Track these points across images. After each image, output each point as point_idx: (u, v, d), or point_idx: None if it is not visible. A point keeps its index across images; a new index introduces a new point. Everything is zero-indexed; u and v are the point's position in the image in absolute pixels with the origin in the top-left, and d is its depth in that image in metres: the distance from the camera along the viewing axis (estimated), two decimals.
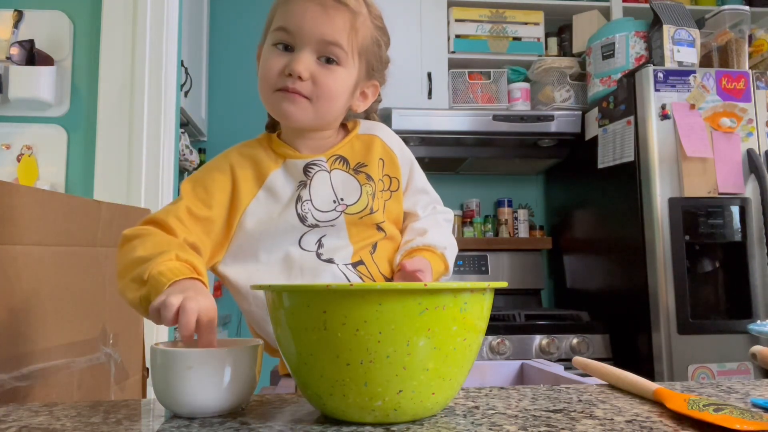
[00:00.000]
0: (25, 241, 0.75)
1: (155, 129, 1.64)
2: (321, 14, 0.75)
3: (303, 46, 0.76)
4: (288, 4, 0.78)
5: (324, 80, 0.77)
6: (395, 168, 0.87)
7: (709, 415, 0.46)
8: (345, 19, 0.77)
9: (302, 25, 0.75)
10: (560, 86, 2.55)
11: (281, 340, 0.51)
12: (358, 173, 0.84)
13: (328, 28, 0.76)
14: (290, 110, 0.77)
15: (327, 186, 0.82)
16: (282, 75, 0.76)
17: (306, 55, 0.76)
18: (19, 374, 0.73)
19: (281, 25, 0.77)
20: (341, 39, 0.77)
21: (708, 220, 1.96)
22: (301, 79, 0.75)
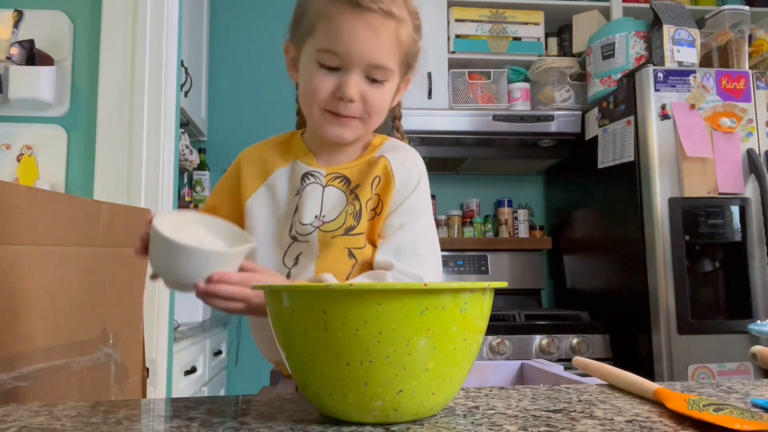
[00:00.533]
0: (25, 241, 0.75)
1: (155, 129, 1.64)
2: (371, 36, 0.74)
3: (351, 67, 0.75)
4: (333, 22, 0.74)
5: (374, 99, 0.77)
6: (388, 191, 0.81)
7: (709, 415, 0.46)
8: (392, 34, 0.75)
9: (352, 49, 0.74)
10: (560, 86, 2.55)
11: (281, 340, 0.51)
12: (351, 194, 0.82)
13: (377, 51, 0.75)
14: (342, 134, 0.79)
15: (316, 200, 0.81)
16: (332, 97, 0.76)
17: (356, 78, 0.75)
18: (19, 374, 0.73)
19: (329, 47, 0.75)
20: (389, 61, 0.76)
21: (708, 220, 1.96)
22: (352, 102, 0.75)
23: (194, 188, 2.59)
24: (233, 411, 0.54)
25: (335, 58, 0.75)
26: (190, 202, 2.55)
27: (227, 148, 2.78)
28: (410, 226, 0.80)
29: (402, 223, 0.80)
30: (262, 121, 2.82)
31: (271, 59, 2.87)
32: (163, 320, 1.60)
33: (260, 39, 2.87)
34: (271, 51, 2.87)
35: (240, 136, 2.79)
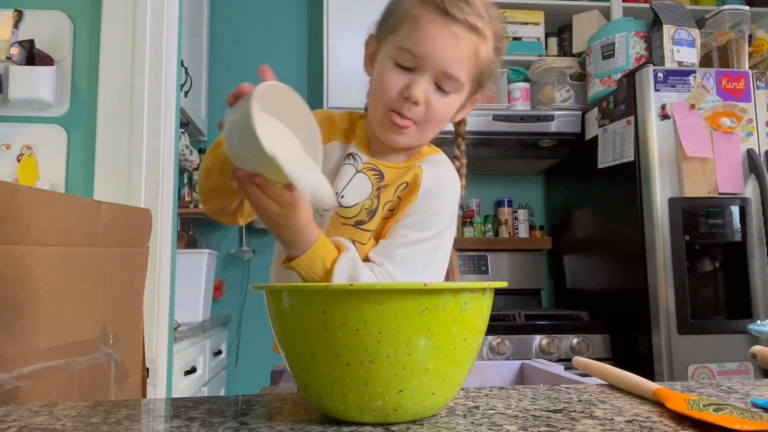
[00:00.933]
0: (25, 241, 0.75)
1: (155, 129, 1.64)
2: (451, 44, 0.75)
3: (424, 71, 0.76)
4: (419, 24, 0.76)
5: (437, 107, 0.78)
6: (409, 199, 0.82)
7: (709, 415, 0.46)
8: (471, 48, 0.76)
9: (431, 52, 0.75)
10: (560, 86, 2.55)
11: (281, 340, 0.51)
12: (377, 189, 0.83)
13: (453, 60, 0.76)
14: (397, 140, 0.80)
15: (344, 179, 0.83)
16: (399, 96, 0.77)
17: (425, 81, 0.76)
18: (19, 374, 0.73)
19: (408, 48, 0.76)
20: (462, 73, 0.77)
21: (708, 220, 1.96)
22: (417, 105, 0.76)
23: (194, 188, 2.59)
24: (233, 411, 0.54)
25: (411, 58, 0.76)
26: (190, 202, 2.55)
27: None
28: (415, 239, 0.80)
29: (407, 234, 0.80)
30: None
31: (271, 59, 2.87)
32: (163, 320, 1.60)
33: (260, 39, 2.87)
34: (271, 51, 2.88)
35: None
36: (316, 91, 2.80)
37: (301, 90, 2.74)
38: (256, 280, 2.69)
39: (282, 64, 2.87)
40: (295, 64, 2.88)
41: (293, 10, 2.92)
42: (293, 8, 2.92)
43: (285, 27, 2.91)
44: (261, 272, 2.72)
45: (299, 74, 2.88)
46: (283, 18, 2.91)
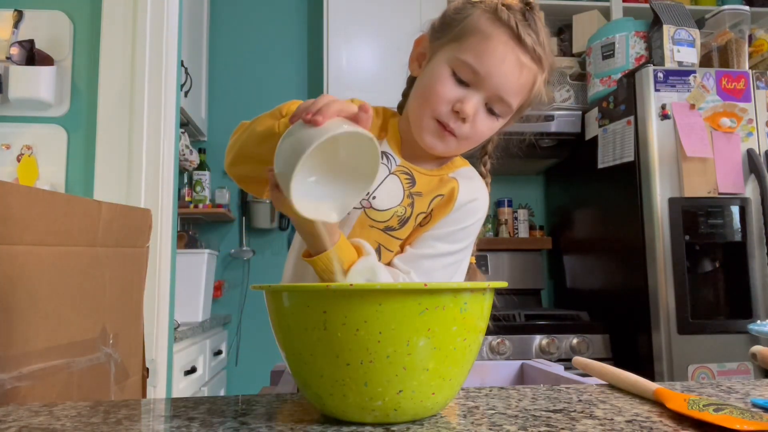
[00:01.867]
0: (25, 241, 0.75)
1: (155, 129, 1.64)
2: (515, 71, 0.75)
3: (480, 89, 0.76)
4: (488, 42, 0.74)
5: (482, 128, 0.77)
6: (443, 212, 0.82)
7: (709, 415, 0.46)
8: (531, 77, 0.77)
9: (494, 74, 0.74)
10: (560, 86, 2.55)
11: (281, 340, 0.51)
12: (410, 197, 0.82)
13: (513, 86, 0.75)
14: (436, 146, 0.79)
15: (377, 180, 0.81)
16: (449, 109, 0.76)
17: (479, 99, 0.76)
18: (19, 374, 0.73)
19: (471, 63, 0.74)
20: (516, 100, 0.77)
21: (708, 220, 1.96)
22: (465, 122, 0.76)
23: (194, 188, 2.59)
24: (233, 411, 0.54)
25: (471, 74, 0.75)
26: (190, 202, 2.55)
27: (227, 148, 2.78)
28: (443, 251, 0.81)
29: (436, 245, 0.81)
30: None
31: (271, 59, 2.87)
32: (163, 320, 1.60)
33: (260, 39, 2.87)
34: (271, 51, 2.88)
35: None
36: (316, 91, 2.80)
37: (301, 90, 2.73)
38: (256, 280, 2.69)
39: (282, 64, 2.88)
40: (295, 64, 2.88)
41: (293, 10, 2.92)
42: (293, 8, 2.92)
43: (285, 27, 2.91)
44: (261, 272, 2.72)
45: (299, 74, 2.88)
46: (283, 18, 2.91)
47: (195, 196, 2.57)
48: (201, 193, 2.58)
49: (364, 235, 0.80)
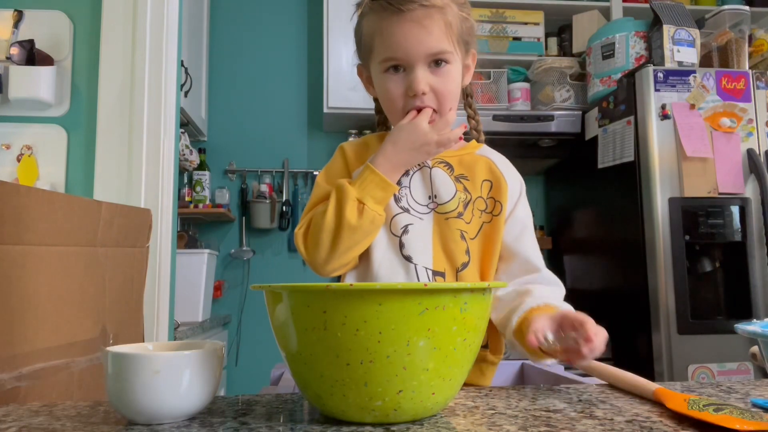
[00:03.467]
0: (25, 241, 0.75)
1: (155, 129, 1.64)
2: (420, 31, 0.79)
3: (415, 64, 0.81)
4: (384, 31, 0.81)
5: (442, 86, 0.82)
6: (501, 192, 0.87)
7: (709, 415, 0.46)
8: (439, 21, 0.80)
9: (408, 48, 0.80)
10: (560, 86, 2.55)
11: (281, 340, 0.51)
12: (458, 181, 0.87)
13: (429, 41, 0.80)
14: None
15: (425, 181, 0.86)
16: (406, 97, 0.82)
17: (420, 72, 0.81)
18: (19, 374, 0.73)
19: (388, 56, 0.81)
20: (444, 45, 0.81)
21: (708, 220, 1.96)
22: (424, 94, 0.81)
23: (194, 188, 2.59)
24: (233, 411, 0.54)
25: (398, 62, 0.81)
26: (190, 202, 2.55)
27: (227, 148, 2.78)
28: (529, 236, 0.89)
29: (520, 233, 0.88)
30: (262, 121, 2.82)
31: (271, 59, 2.87)
32: (163, 320, 1.60)
33: (260, 39, 2.87)
34: (271, 51, 2.88)
35: (240, 136, 2.80)
36: (316, 91, 2.81)
37: (301, 90, 2.73)
38: (256, 280, 2.69)
39: (282, 65, 2.87)
40: (295, 64, 2.88)
41: (293, 11, 2.92)
42: (293, 8, 2.92)
43: (285, 27, 2.90)
44: (261, 272, 2.72)
45: (299, 74, 2.88)
46: (283, 18, 2.91)
47: (195, 196, 2.57)
48: (201, 193, 2.57)
49: (446, 228, 0.84)
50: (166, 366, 0.49)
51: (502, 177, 0.88)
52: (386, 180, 0.79)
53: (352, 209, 0.77)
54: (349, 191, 0.78)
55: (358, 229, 0.78)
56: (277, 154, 2.80)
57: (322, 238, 0.78)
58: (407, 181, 0.86)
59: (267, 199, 2.68)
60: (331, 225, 0.78)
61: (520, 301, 0.78)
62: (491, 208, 0.87)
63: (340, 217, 0.77)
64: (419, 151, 0.81)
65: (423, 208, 0.85)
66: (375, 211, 0.79)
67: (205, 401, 0.52)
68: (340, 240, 0.78)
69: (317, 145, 2.83)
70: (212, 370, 0.52)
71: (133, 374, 0.49)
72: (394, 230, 0.84)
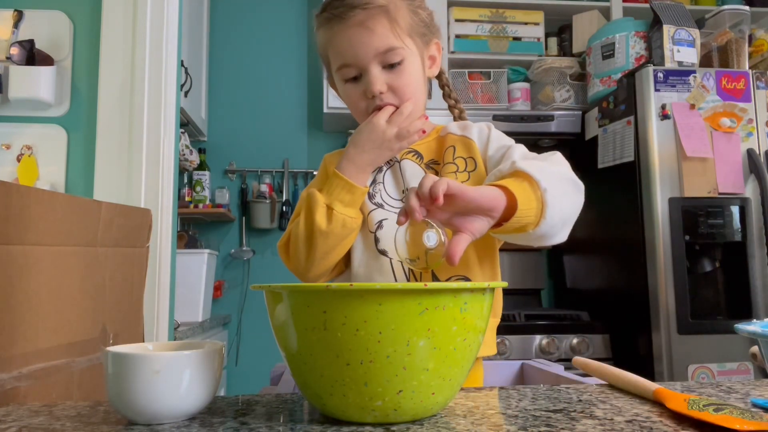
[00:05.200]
0: (25, 241, 0.75)
1: (155, 129, 1.64)
2: (363, 32, 0.80)
3: (367, 67, 0.81)
4: (333, 41, 0.83)
5: (399, 84, 0.82)
6: (469, 148, 0.86)
7: (709, 415, 0.46)
8: (383, 21, 0.81)
9: (355, 52, 0.81)
10: (560, 86, 2.55)
11: (281, 340, 0.51)
12: (429, 168, 0.87)
13: (375, 41, 0.80)
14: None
15: (396, 175, 0.87)
16: (366, 100, 0.83)
17: (373, 73, 0.81)
18: (19, 374, 0.73)
19: (340, 63, 0.83)
20: (391, 41, 0.81)
21: (708, 220, 1.96)
22: (382, 93, 0.82)
23: (194, 188, 2.59)
24: (233, 411, 0.54)
25: (350, 68, 0.83)
26: (190, 202, 2.55)
27: (227, 148, 2.78)
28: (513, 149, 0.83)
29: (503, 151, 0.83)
30: (262, 121, 2.82)
31: (271, 59, 2.87)
32: (163, 320, 1.60)
33: (260, 39, 2.87)
34: (271, 51, 2.88)
35: (240, 136, 2.80)
36: (316, 91, 2.81)
37: (300, 90, 2.73)
38: (256, 280, 2.69)
39: (282, 64, 2.87)
40: (295, 64, 2.88)
41: (293, 10, 2.92)
42: (293, 8, 2.92)
43: (285, 27, 2.90)
44: (261, 272, 2.72)
45: (299, 74, 2.88)
46: (283, 18, 2.91)
47: (195, 196, 2.57)
48: (201, 193, 2.57)
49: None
50: (166, 366, 0.49)
51: (464, 137, 0.87)
52: (351, 183, 0.80)
53: (321, 215, 0.79)
54: (317, 198, 0.79)
55: (329, 234, 0.79)
56: (277, 154, 2.80)
57: (299, 247, 0.81)
58: (381, 177, 0.87)
59: (267, 199, 2.68)
60: (304, 233, 0.80)
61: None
62: (463, 167, 0.85)
63: (311, 223, 0.79)
64: (381, 148, 0.82)
65: (397, 202, 0.86)
66: (344, 215, 0.79)
67: (205, 401, 0.52)
68: (315, 246, 0.80)
69: (317, 145, 2.83)
70: (212, 370, 0.52)
71: (133, 374, 0.49)
72: (370, 227, 0.85)
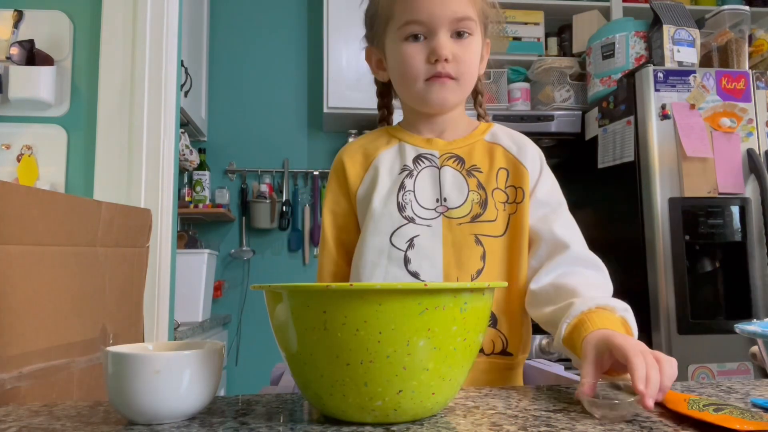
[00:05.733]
0: (25, 241, 0.75)
1: (155, 129, 1.64)
2: None
3: (438, 29, 0.77)
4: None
5: (464, 56, 0.78)
6: (521, 178, 0.82)
7: (709, 415, 0.46)
8: None
9: (433, 11, 0.76)
10: (560, 86, 2.55)
11: (281, 340, 0.51)
12: (470, 176, 0.82)
13: (454, 4, 0.76)
14: (445, 96, 0.79)
15: (434, 182, 0.82)
16: (428, 63, 0.77)
17: (444, 38, 0.77)
18: (19, 374, 0.73)
19: (411, 18, 0.77)
20: (470, 11, 0.78)
21: (708, 220, 1.96)
22: (447, 62, 0.77)
23: (194, 188, 2.59)
24: (233, 411, 0.54)
25: (420, 26, 0.77)
26: (190, 202, 2.55)
27: (227, 148, 2.78)
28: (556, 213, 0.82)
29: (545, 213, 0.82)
30: (262, 121, 2.82)
31: (271, 59, 2.87)
32: (163, 320, 1.60)
33: (260, 39, 2.87)
34: (271, 51, 2.88)
35: (240, 136, 2.80)
36: (316, 91, 2.81)
37: (301, 90, 2.73)
38: (256, 280, 2.69)
39: (282, 64, 2.87)
40: (295, 64, 2.88)
41: (293, 10, 2.92)
42: (293, 8, 2.92)
43: (285, 27, 2.90)
44: (261, 272, 2.72)
45: (299, 74, 2.88)
46: (283, 18, 2.91)
47: (195, 196, 2.57)
48: (201, 193, 2.57)
49: (457, 234, 0.79)
50: (166, 366, 0.49)
51: (519, 162, 0.83)
52: None
53: None
54: None
55: None
56: (277, 154, 2.80)
57: None
58: (411, 183, 0.81)
59: (267, 199, 2.68)
60: None
61: (564, 302, 0.70)
62: (513, 197, 0.82)
63: None
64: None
65: (430, 212, 0.79)
66: None
67: (205, 401, 0.52)
68: None
69: (317, 145, 2.83)
70: (212, 370, 0.52)
71: (133, 374, 0.48)
72: (398, 244, 0.79)
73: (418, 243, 0.79)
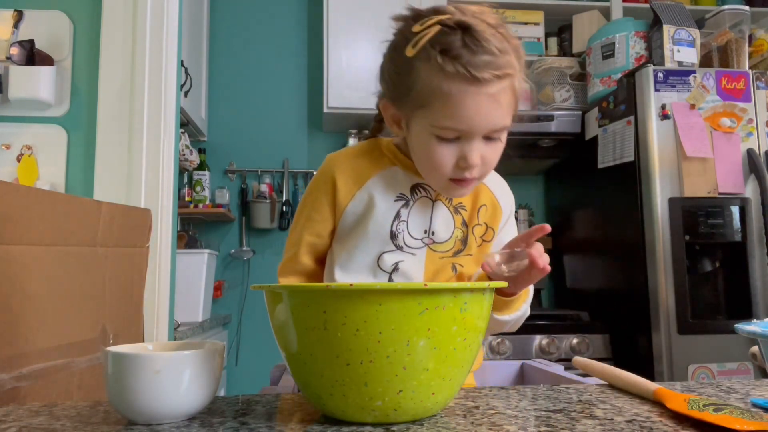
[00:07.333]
0: (25, 241, 0.75)
1: (155, 129, 1.64)
2: (492, 107, 0.73)
3: (472, 136, 0.74)
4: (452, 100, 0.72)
5: (491, 157, 0.78)
6: (495, 219, 0.88)
7: (709, 415, 0.46)
8: (509, 92, 0.74)
9: (475, 123, 0.73)
10: (560, 86, 2.55)
11: (281, 340, 0.51)
12: (456, 213, 0.86)
13: (498, 116, 0.74)
14: (464, 193, 0.82)
15: (426, 214, 0.84)
16: (456, 167, 0.76)
17: (478, 144, 0.75)
18: (19, 374, 0.73)
19: (451, 126, 0.73)
20: (506, 121, 0.76)
21: (708, 220, 1.96)
22: (474, 167, 0.76)
23: (194, 188, 2.59)
24: (233, 411, 0.54)
25: (457, 133, 0.74)
26: (190, 202, 2.55)
27: (227, 148, 2.78)
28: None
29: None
30: (262, 121, 2.82)
31: (271, 59, 2.87)
32: (163, 320, 1.60)
33: (260, 39, 2.87)
34: (271, 51, 2.87)
35: (240, 136, 2.79)
36: (316, 91, 2.81)
37: (301, 90, 2.73)
38: (256, 280, 2.69)
39: (282, 64, 2.87)
40: (295, 64, 2.88)
41: (293, 10, 2.92)
42: (293, 8, 2.92)
43: (285, 27, 2.90)
44: (261, 272, 2.72)
45: (299, 74, 2.88)
46: (283, 18, 2.91)
47: (195, 196, 2.57)
48: (201, 193, 2.57)
49: (437, 266, 0.84)
50: (166, 366, 0.49)
51: (498, 203, 0.89)
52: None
53: None
54: None
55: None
56: (277, 154, 2.80)
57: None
58: (406, 213, 0.83)
59: (267, 199, 2.68)
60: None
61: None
62: (482, 233, 0.87)
63: None
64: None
65: (417, 242, 0.83)
66: None
67: (205, 401, 0.52)
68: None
69: (317, 145, 2.83)
70: (212, 370, 0.52)
71: (133, 374, 0.49)
72: (384, 266, 0.83)
73: (402, 267, 0.83)
